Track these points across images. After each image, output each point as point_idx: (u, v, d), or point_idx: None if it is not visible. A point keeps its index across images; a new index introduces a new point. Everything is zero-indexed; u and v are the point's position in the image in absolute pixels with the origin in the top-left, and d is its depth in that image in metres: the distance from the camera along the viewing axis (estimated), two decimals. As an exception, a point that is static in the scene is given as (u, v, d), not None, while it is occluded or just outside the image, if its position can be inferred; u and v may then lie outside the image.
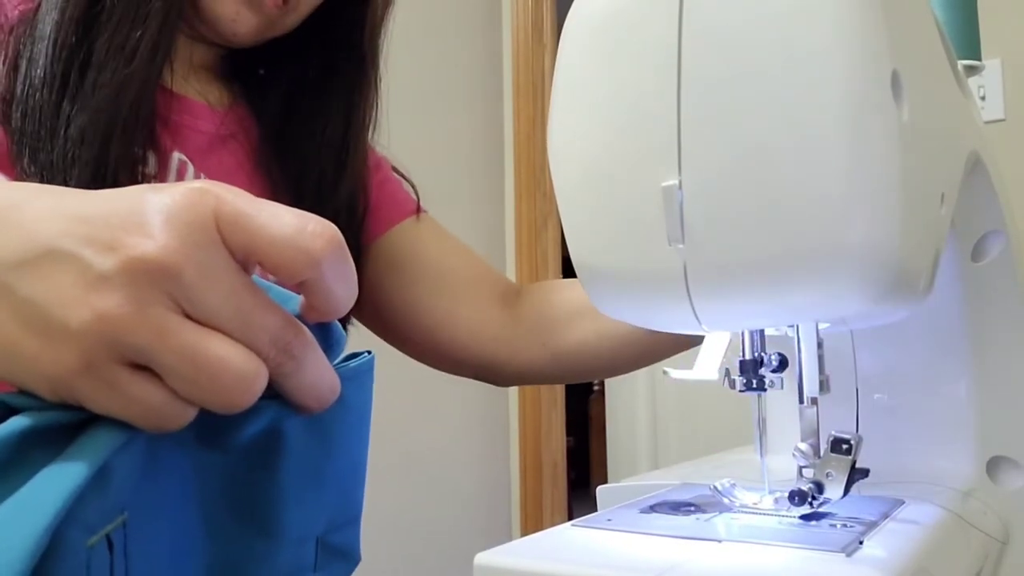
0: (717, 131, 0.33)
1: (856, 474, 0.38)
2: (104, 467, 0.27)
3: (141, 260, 0.27)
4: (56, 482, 0.25)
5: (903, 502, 0.42)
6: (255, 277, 0.30)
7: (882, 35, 0.33)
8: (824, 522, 0.37)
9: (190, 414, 0.29)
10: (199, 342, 0.27)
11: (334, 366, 0.33)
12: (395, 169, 0.78)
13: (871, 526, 0.36)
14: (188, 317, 0.28)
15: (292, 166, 0.67)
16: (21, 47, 0.55)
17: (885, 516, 0.39)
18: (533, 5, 2.18)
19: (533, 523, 2.21)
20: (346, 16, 0.69)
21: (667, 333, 0.71)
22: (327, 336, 0.33)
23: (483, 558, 0.33)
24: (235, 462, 0.31)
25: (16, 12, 0.58)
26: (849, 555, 0.32)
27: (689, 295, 0.35)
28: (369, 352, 0.36)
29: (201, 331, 0.28)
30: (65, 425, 0.28)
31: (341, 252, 0.30)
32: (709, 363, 0.40)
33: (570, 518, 0.42)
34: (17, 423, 0.27)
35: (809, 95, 0.32)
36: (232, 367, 0.28)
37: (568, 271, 0.41)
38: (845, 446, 0.38)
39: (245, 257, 0.29)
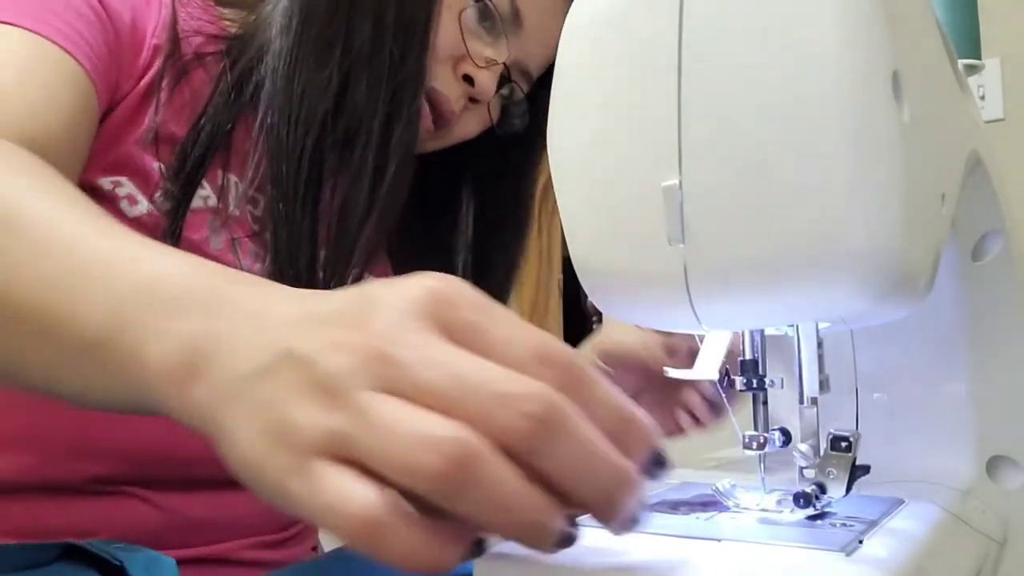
0: (717, 131, 0.33)
1: (857, 471, 0.38)
2: None
3: (360, 350, 0.27)
4: None
5: (903, 501, 0.42)
6: None
7: (883, 35, 0.33)
8: (824, 521, 0.37)
9: (396, 520, 0.25)
10: (397, 413, 0.26)
11: None
12: None
13: (871, 525, 0.36)
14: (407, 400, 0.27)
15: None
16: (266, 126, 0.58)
17: (885, 515, 0.39)
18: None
19: (533, 522, 2.21)
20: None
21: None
22: None
23: (483, 556, 0.33)
24: None
25: (198, 41, 0.60)
26: (849, 554, 0.32)
27: (689, 295, 0.35)
28: None
29: (405, 406, 0.26)
30: None
31: (583, 376, 0.28)
32: (709, 362, 0.40)
33: (569, 516, 0.42)
34: None
35: (810, 95, 0.32)
36: (432, 435, 0.25)
37: (568, 271, 0.41)
38: (845, 444, 0.38)
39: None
